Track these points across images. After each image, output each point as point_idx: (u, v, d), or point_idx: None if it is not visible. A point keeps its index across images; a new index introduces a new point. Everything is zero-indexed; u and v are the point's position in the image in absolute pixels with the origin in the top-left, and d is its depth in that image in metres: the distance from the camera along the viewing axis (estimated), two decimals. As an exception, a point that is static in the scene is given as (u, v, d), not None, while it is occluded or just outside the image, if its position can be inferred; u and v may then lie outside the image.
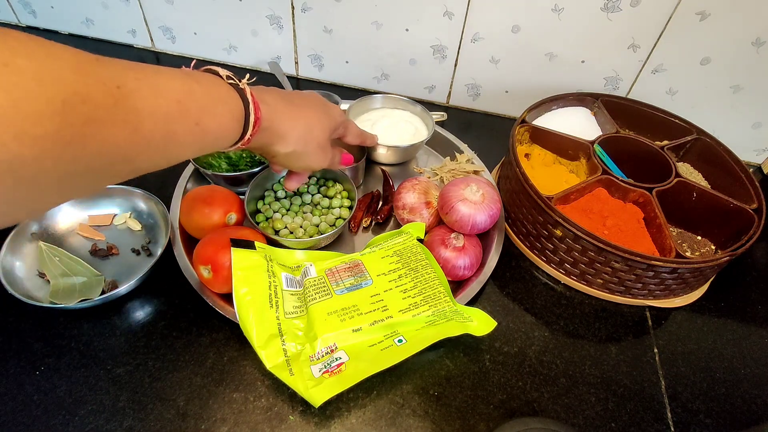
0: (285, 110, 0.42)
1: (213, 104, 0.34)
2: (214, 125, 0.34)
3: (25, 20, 0.93)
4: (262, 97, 0.39)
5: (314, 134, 0.45)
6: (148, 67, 0.30)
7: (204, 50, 0.89)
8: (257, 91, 0.39)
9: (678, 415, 0.47)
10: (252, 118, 0.37)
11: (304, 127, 0.44)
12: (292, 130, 0.43)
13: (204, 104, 0.33)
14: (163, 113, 0.29)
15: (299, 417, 0.44)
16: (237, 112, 0.36)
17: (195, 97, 0.32)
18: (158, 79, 0.30)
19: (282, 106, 0.41)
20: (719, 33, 0.66)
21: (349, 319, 0.46)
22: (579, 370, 0.50)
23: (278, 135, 0.42)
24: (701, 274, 0.54)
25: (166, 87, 0.30)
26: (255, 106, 0.37)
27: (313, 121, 0.45)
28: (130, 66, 0.29)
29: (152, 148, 0.30)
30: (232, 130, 0.36)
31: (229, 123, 0.36)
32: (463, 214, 0.53)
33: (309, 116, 0.44)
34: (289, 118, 0.42)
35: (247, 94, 0.37)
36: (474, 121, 0.83)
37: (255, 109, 0.37)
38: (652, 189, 0.58)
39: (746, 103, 0.72)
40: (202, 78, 0.34)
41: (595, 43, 0.71)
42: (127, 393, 0.44)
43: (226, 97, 0.35)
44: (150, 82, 0.29)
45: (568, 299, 0.57)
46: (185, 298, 0.51)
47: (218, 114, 0.34)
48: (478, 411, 0.46)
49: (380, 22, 0.76)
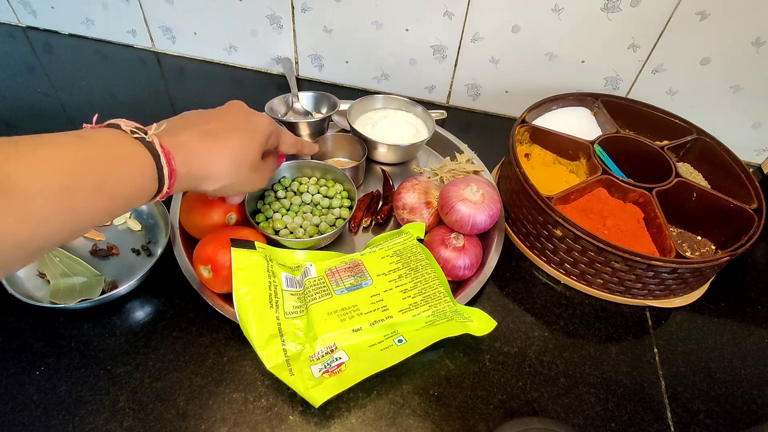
0: (205, 148, 0.38)
1: (116, 166, 0.31)
2: (121, 188, 0.32)
3: (25, 20, 0.93)
4: (177, 142, 0.36)
5: (241, 162, 0.41)
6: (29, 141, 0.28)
7: (204, 50, 0.89)
8: (169, 134, 0.36)
9: (678, 415, 0.47)
10: (165, 170, 0.34)
11: (230, 160, 0.40)
12: (216, 168, 0.39)
13: (104, 168, 0.31)
14: (54, 189, 0.27)
15: (299, 417, 0.44)
16: (147, 167, 0.33)
17: (92, 163, 0.30)
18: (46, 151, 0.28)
19: (200, 144, 0.38)
20: (719, 33, 0.66)
21: (349, 319, 0.46)
22: (579, 370, 0.50)
23: (202, 177, 0.39)
24: (701, 274, 0.54)
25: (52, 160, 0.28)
26: (167, 158, 0.34)
27: (237, 149, 0.41)
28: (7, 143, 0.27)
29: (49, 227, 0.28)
30: (145, 187, 0.34)
31: (139, 181, 0.33)
32: (463, 214, 0.53)
33: (232, 145, 0.40)
34: (210, 156, 0.38)
35: (156, 146, 0.34)
36: (474, 121, 0.83)
37: (167, 161, 0.34)
38: (652, 189, 0.58)
39: (746, 103, 0.72)
40: (99, 138, 0.32)
41: (595, 43, 0.71)
42: (127, 393, 0.44)
43: (132, 154, 0.33)
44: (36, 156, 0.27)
45: (568, 299, 0.57)
46: (185, 298, 0.51)
47: (124, 175, 0.32)
48: (478, 411, 0.46)
49: (380, 22, 0.76)
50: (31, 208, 0.26)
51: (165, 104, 0.80)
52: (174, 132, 0.37)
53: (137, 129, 0.34)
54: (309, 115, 0.75)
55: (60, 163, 0.28)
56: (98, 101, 0.79)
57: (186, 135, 0.37)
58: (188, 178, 0.37)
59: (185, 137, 0.37)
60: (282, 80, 0.88)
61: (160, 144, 0.34)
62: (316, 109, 0.76)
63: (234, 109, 0.44)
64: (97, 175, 0.30)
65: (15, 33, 0.92)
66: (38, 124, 0.73)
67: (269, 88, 0.86)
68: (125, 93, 0.81)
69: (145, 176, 0.33)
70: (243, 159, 0.41)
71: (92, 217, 0.31)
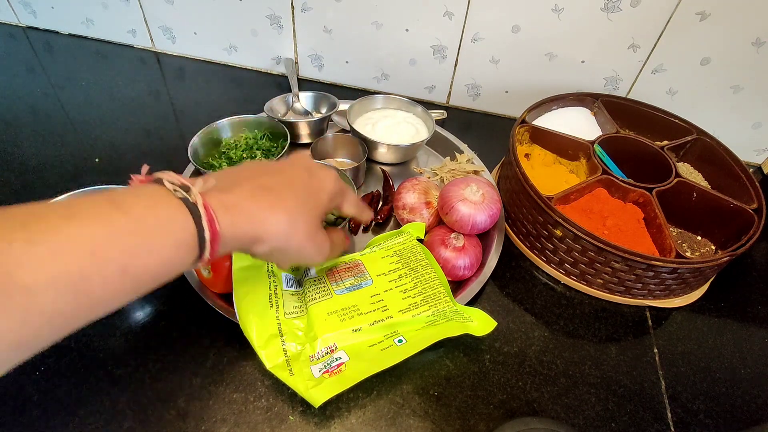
0: (257, 205, 0.33)
1: (147, 239, 0.27)
2: (150, 266, 0.28)
3: (25, 20, 0.93)
4: (226, 200, 0.31)
5: (297, 225, 0.35)
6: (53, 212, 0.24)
7: (204, 50, 0.89)
8: (218, 191, 0.31)
9: (678, 415, 0.47)
10: (207, 235, 0.30)
11: (285, 220, 0.34)
12: (268, 228, 0.33)
13: (133, 245, 0.26)
14: (68, 277, 0.24)
15: (299, 417, 0.44)
16: (185, 235, 0.29)
17: (119, 238, 0.26)
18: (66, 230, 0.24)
19: (252, 201, 0.33)
20: (719, 33, 0.66)
21: (349, 319, 0.46)
22: (579, 370, 0.50)
23: (250, 238, 0.33)
24: (701, 274, 0.54)
25: (75, 238, 0.24)
26: (209, 222, 0.30)
27: (294, 208, 0.35)
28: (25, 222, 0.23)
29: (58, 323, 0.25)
30: (179, 259, 0.29)
31: (172, 254, 0.29)
32: (463, 214, 0.53)
33: (289, 204, 0.35)
34: (262, 215, 0.33)
35: (199, 208, 0.29)
36: (474, 121, 0.83)
37: (210, 224, 0.30)
38: (652, 189, 0.58)
39: (746, 103, 0.72)
40: (134, 203, 0.28)
41: (595, 43, 0.71)
42: (127, 393, 0.44)
43: (168, 221, 0.28)
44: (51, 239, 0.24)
45: (568, 299, 0.57)
46: (185, 298, 0.51)
47: (155, 250, 0.28)
48: (478, 411, 0.46)
49: (380, 22, 0.76)
50: (37, 303, 0.23)
51: (165, 104, 0.80)
52: (224, 187, 0.32)
53: (181, 187, 0.30)
54: (309, 115, 0.75)
55: (82, 244, 0.24)
56: (98, 101, 0.79)
57: (237, 191, 0.33)
58: (234, 242, 0.32)
59: (236, 194, 0.32)
60: (282, 80, 0.88)
61: (204, 204, 0.30)
62: (315, 109, 0.76)
63: (297, 162, 0.39)
64: (123, 255, 0.26)
65: (15, 33, 0.92)
66: (38, 124, 0.73)
67: (269, 88, 0.86)
68: (125, 93, 0.81)
69: (182, 247, 0.29)
70: (299, 221, 0.35)
71: (109, 305, 0.27)
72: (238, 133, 0.68)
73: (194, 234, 0.29)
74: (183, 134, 0.74)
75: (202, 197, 0.30)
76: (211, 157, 0.64)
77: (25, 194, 0.62)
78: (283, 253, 0.36)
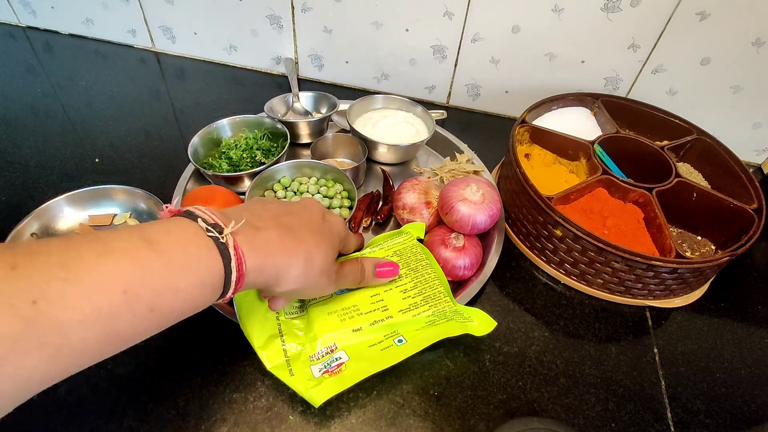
0: (279, 248, 0.34)
1: (176, 279, 0.28)
2: (177, 303, 0.28)
3: (25, 20, 0.93)
4: (255, 238, 0.32)
5: (315, 265, 0.37)
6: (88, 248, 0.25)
7: (204, 50, 0.89)
8: (249, 227, 0.32)
9: (678, 415, 0.47)
10: (234, 275, 0.30)
11: (304, 262, 0.36)
12: (288, 270, 0.35)
13: (162, 283, 0.27)
14: (99, 314, 0.24)
15: (299, 417, 0.44)
16: (212, 275, 0.29)
17: (149, 276, 0.26)
18: (99, 269, 0.25)
19: (276, 243, 0.34)
20: (719, 33, 0.66)
21: (349, 319, 0.46)
22: (579, 370, 0.50)
23: (271, 279, 0.34)
24: (701, 274, 0.54)
25: (108, 277, 0.25)
26: (238, 263, 0.30)
27: (311, 248, 0.37)
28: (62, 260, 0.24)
29: (83, 358, 0.25)
30: (203, 297, 0.30)
31: (197, 293, 0.29)
32: (463, 214, 0.53)
33: (308, 247, 0.36)
34: (284, 257, 0.34)
35: (229, 249, 0.30)
36: (474, 121, 0.83)
37: (238, 267, 0.30)
38: (652, 189, 0.58)
39: (746, 103, 0.72)
40: (165, 241, 0.28)
41: (595, 43, 0.71)
42: (127, 393, 0.44)
43: (198, 261, 0.29)
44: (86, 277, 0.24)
45: (568, 299, 0.57)
46: (185, 298, 0.51)
47: (182, 288, 0.28)
48: (478, 411, 0.46)
49: (380, 22, 0.76)
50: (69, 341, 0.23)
51: (165, 104, 0.80)
52: (254, 222, 0.33)
53: (213, 226, 0.30)
54: (309, 115, 0.75)
55: (115, 283, 0.25)
56: (98, 101, 0.79)
57: (264, 231, 0.34)
58: (255, 282, 0.33)
59: (263, 234, 0.33)
60: (282, 80, 0.88)
61: (234, 246, 0.30)
62: (315, 109, 0.76)
63: (309, 207, 0.41)
64: (152, 294, 0.26)
65: (15, 33, 0.92)
66: (38, 124, 0.73)
67: (269, 88, 0.86)
68: (125, 93, 0.81)
69: (208, 286, 0.30)
70: (316, 262, 0.37)
71: (133, 341, 0.27)
72: (238, 133, 0.68)
73: (221, 275, 0.30)
74: (183, 134, 0.74)
75: (233, 238, 0.31)
76: (211, 157, 0.64)
77: (25, 194, 0.62)
78: (299, 292, 0.39)
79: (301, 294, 0.40)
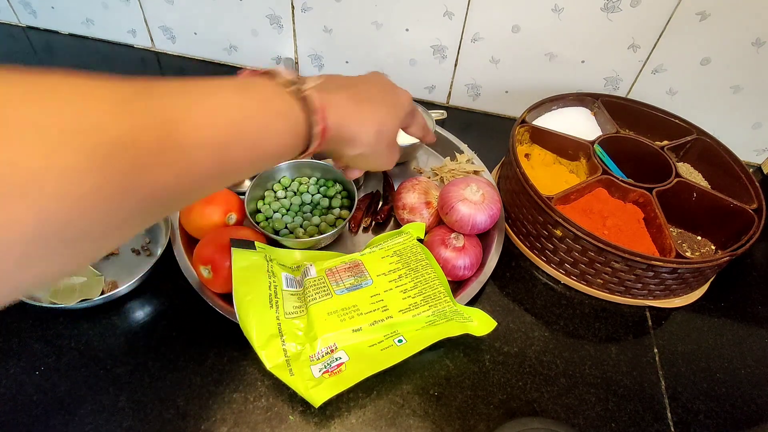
0: (354, 111, 0.37)
1: (271, 122, 0.30)
2: (271, 146, 0.30)
3: (26, 20, 0.93)
4: (331, 100, 0.34)
5: (384, 134, 0.39)
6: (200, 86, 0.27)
7: (204, 50, 0.89)
8: (322, 91, 0.34)
9: (678, 415, 0.47)
10: (317, 129, 0.33)
11: (375, 128, 0.38)
12: (361, 134, 0.37)
13: (261, 124, 0.29)
14: (217, 142, 0.26)
15: (299, 417, 0.44)
16: (299, 126, 0.32)
17: (251, 117, 0.29)
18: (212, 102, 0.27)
19: (351, 106, 0.36)
20: (719, 33, 0.66)
21: (349, 319, 0.46)
22: (579, 370, 0.50)
23: (346, 140, 0.37)
24: (701, 274, 0.54)
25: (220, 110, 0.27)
26: (321, 117, 0.33)
27: (384, 119, 0.39)
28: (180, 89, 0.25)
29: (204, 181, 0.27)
30: (292, 146, 0.32)
31: (288, 140, 0.31)
32: (463, 214, 0.53)
33: (380, 115, 0.39)
34: (358, 120, 0.37)
35: (313, 102, 0.32)
36: (474, 121, 0.83)
37: (321, 119, 0.33)
38: (652, 189, 0.58)
39: (746, 103, 0.72)
40: (257, 90, 0.30)
41: (595, 43, 0.71)
42: (126, 393, 0.44)
43: (286, 110, 0.31)
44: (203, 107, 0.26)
45: (568, 299, 0.57)
46: (185, 298, 0.51)
47: (276, 133, 0.30)
48: (478, 411, 0.46)
49: (380, 22, 0.76)
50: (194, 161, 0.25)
51: (165, 104, 0.80)
52: (328, 89, 0.35)
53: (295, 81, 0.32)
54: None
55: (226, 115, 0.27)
56: (98, 101, 0.79)
57: (339, 97, 0.35)
58: (336, 139, 0.36)
59: (338, 97, 0.35)
60: (282, 80, 0.88)
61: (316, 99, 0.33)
62: (316, 109, 0.76)
63: (378, 79, 0.42)
64: (255, 131, 0.29)
65: (15, 33, 0.92)
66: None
67: (269, 88, 0.85)
68: (125, 93, 0.81)
69: (295, 134, 0.32)
70: (385, 131, 0.40)
71: (241, 174, 0.30)
72: (238, 133, 0.68)
73: (306, 125, 0.32)
74: (183, 134, 0.74)
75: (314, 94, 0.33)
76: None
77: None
78: (366, 158, 0.40)
79: (365, 161, 0.41)
